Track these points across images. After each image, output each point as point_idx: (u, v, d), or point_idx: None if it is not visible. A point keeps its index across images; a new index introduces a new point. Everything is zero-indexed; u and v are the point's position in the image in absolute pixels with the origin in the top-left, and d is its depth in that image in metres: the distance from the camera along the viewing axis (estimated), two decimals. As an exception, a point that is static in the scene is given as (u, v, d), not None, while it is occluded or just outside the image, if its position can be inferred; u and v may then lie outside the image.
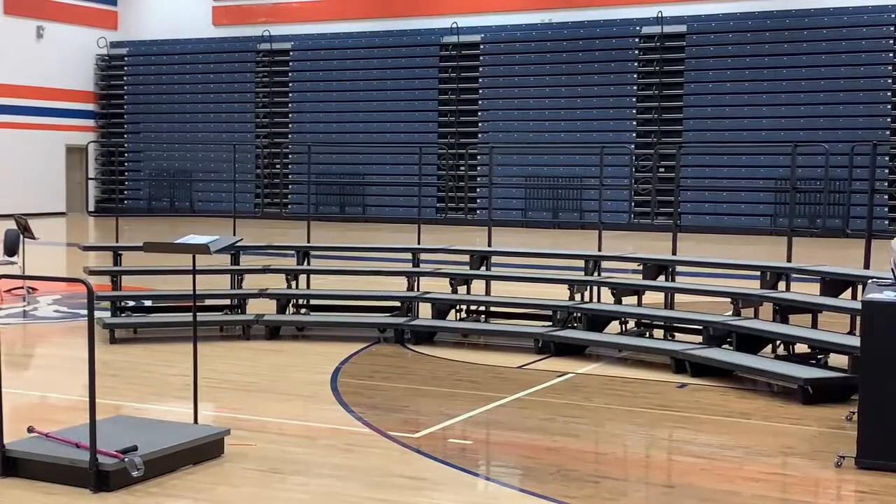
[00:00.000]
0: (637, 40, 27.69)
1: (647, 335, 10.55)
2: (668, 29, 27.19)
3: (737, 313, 9.70)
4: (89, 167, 30.81)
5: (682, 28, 27.25)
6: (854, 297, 9.12)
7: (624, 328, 10.68)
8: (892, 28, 25.17)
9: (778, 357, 9.25)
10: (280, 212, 25.15)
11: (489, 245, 12.69)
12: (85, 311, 7.02)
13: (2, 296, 13.32)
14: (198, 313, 7.04)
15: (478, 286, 11.79)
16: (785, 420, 7.53)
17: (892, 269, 6.88)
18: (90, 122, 33.88)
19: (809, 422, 7.47)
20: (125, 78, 34.04)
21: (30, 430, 6.19)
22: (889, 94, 25.08)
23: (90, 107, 33.99)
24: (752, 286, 10.24)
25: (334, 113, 30.88)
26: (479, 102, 29.56)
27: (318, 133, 30.75)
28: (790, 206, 11.14)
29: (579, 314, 10.53)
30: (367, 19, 31.09)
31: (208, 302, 11.56)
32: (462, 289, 11.45)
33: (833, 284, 9.26)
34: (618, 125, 27.51)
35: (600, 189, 12.50)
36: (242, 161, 31.05)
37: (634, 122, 27.61)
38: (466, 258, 11.85)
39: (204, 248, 6.67)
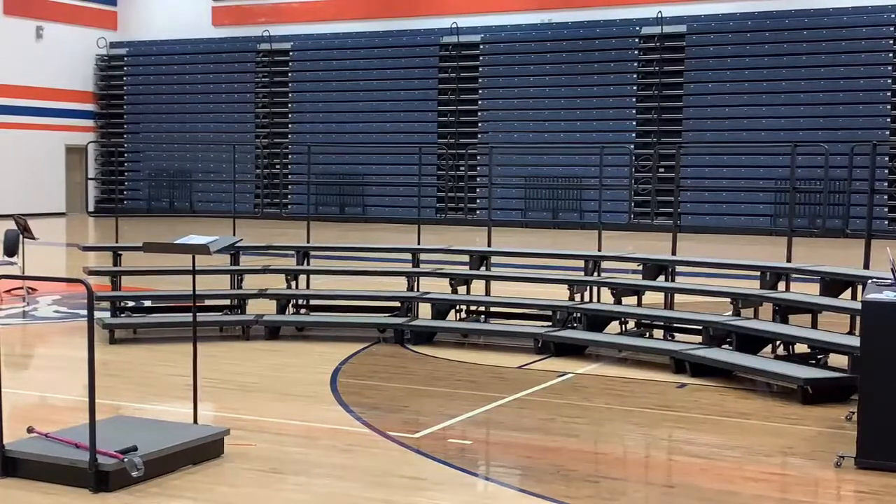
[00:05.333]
0: (637, 40, 27.69)
1: (647, 335, 10.55)
2: (667, 29, 27.18)
3: (736, 313, 9.70)
4: (89, 167, 30.82)
5: (682, 28, 27.25)
6: (854, 297, 9.12)
7: (624, 328, 10.68)
8: (891, 28, 25.17)
9: (777, 357, 9.25)
10: (280, 212, 25.14)
11: (489, 245, 12.70)
12: (85, 312, 7.02)
13: (2, 296, 13.32)
14: (198, 313, 7.05)
15: (478, 286, 11.80)
16: (784, 420, 7.53)
17: (892, 270, 6.88)
18: (90, 123, 33.87)
19: (809, 422, 7.47)
20: (125, 78, 34.03)
21: (30, 430, 6.19)
22: (889, 94, 25.08)
23: (90, 107, 33.98)
24: (752, 286, 10.24)
25: (334, 113, 30.87)
26: (479, 103, 29.56)
27: (317, 133, 30.75)
28: (790, 207, 11.14)
29: (579, 314, 10.53)
30: (367, 19, 31.08)
31: (208, 302, 11.56)
32: (462, 289, 11.45)
33: (833, 284, 9.27)
34: (617, 125, 27.51)
35: (600, 189, 12.51)
36: (242, 161, 31.04)
37: (634, 122, 27.60)
38: (466, 258, 11.85)
39: (204, 249, 6.67)
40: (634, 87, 27.70)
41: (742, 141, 25.87)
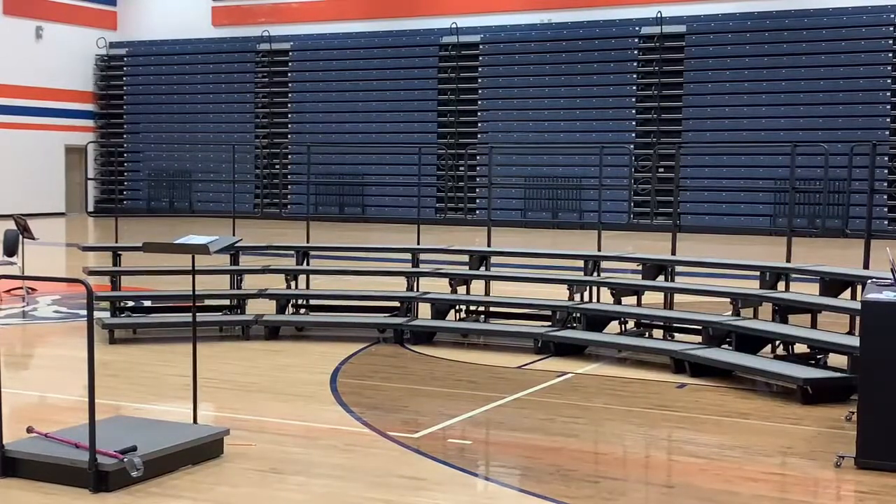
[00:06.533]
0: (637, 40, 27.69)
1: (647, 335, 10.55)
2: (667, 29, 27.18)
3: (736, 313, 9.70)
4: (88, 167, 30.82)
5: (682, 28, 27.25)
6: (853, 297, 9.12)
7: (623, 328, 10.68)
8: (891, 28, 25.17)
9: (777, 357, 9.25)
10: (279, 212, 25.15)
11: (489, 245, 12.69)
12: (84, 312, 7.02)
13: (1, 296, 13.32)
14: (197, 313, 7.05)
15: (477, 286, 11.80)
16: (784, 420, 7.53)
17: (892, 270, 6.88)
18: (89, 123, 33.86)
19: (809, 422, 7.47)
20: (124, 78, 34.02)
21: (29, 430, 6.19)
22: (888, 94, 25.08)
23: (89, 107, 33.97)
24: (752, 286, 10.24)
25: (334, 113, 30.87)
26: (479, 102, 29.56)
27: (317, 133, 30.75)
28: (789, 207, 11.15)
29: (579, 314, 10.53)
30: (367, 19, 31.08)
31: (208, 302, 11.56)
32: (461, 289, 11.45)
33: (832, 284, 9.27)
34: (617, 125, 27.50)
35: (600, 189, 12.51)
36: (242, 161, 31.03)
37: (634, 122, 27.60)
38: (466, 258, 11.85)
39: (203, 249, 6.67)
40: (634, 87, 27.70)
41: (742, 141, 25.87)
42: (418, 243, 12.92)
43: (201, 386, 7.00)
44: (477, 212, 27.73)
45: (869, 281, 7.21)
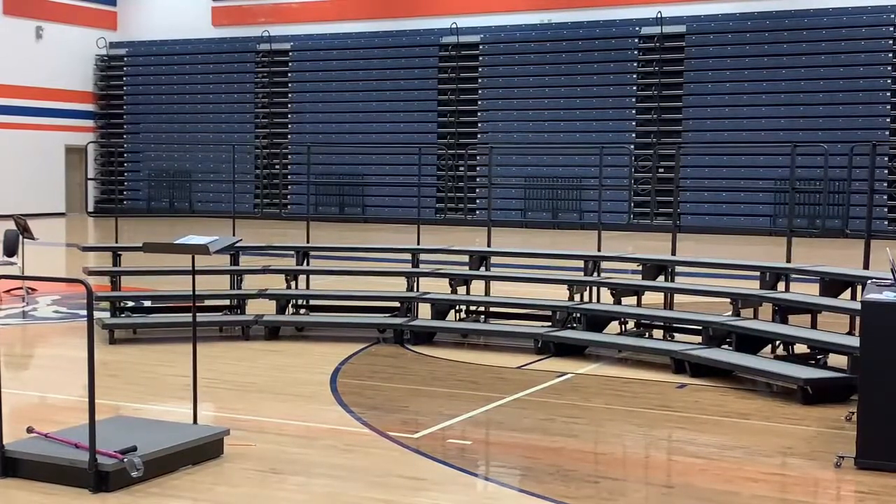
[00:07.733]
0: (636, 40, 27.69)
1: (647, 335, 10.55)
2: (667, 29, 27.18)
3: (736, 313, 9.70)
4: (89, 167, 30.82)
5: (682, 28, 27.25)
6: (853, 297, 9.12)
7: (623, 328, 10.68)
8: (891, 28, 25.17)
9: (777, 357, 9.26)
10: (279, 212, 25.15)
11: (488, 245, 12.70)
12: (84, 312, 7.03)
13: (1, 296, 13.32)
14: (197, 314, 7.04)
15: (477, 286, 11.80)
16: (784, 420, 7.53)
17: (892, 270, 6.88)
18: (89, 123, 33.86)
19: (809, 422, 7.47)
20: (124, 78, 34.02)
21: (29, 430, 6.19)
22: (888, 94, 25.08)
23: (89, 107, 33.97)
24: (752, 286, 10.24)
25: (334, 113, 30.87)
26: (479, 103, 29.55)
27: (317, 133, 30.75)
28: (789, 207, 11.15)
29: (579, 314, 10.53)
30: (367, 19, 31.08)
31: (208, 302, 11.56)
32: (461, 289, 11.45)
33: (832, 285, 9.27)
34: (617, 125, 27.50)
35: (600, 189, 12.51)
36: (242, 161, 31.03)
37: (634, 123, 27.60)
38: (466, 258, 11.86)
39: (203, 249, 6.66)
40: (634, 88, 27.69)
41: (742, 141, 25.87)
42: (418, 243, 12.92)
43: (201, 386, 7.00)
44: (477, 212, 27.72)
45: (869, 281, 7.21)
